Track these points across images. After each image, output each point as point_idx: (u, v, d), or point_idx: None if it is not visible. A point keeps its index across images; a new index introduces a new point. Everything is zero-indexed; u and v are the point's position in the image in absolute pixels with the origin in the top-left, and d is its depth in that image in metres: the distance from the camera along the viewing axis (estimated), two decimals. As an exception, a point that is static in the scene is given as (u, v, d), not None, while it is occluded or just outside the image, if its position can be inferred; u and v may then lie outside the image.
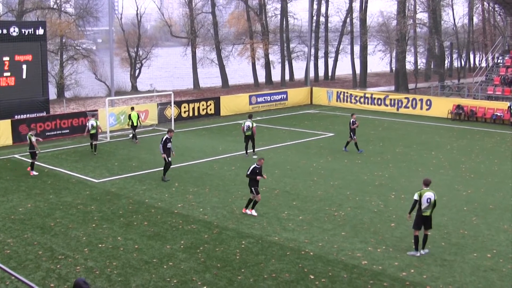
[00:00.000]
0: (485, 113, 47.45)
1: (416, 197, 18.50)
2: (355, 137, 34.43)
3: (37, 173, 29.27)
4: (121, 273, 17.15)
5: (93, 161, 32.07)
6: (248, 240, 19.91)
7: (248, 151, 33.29)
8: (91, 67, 67.90)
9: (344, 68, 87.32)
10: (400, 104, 51.65)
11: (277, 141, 37.51)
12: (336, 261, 18.15)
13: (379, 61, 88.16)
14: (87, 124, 35.22)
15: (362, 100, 53.97)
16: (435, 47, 73.27)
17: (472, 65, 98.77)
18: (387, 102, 52.38)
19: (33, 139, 29.31)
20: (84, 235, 20.50)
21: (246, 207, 22.93)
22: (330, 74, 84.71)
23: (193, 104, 47.16)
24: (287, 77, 79.06)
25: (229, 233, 20.63)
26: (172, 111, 43.38)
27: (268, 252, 18.82)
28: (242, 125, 33.46)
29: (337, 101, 55.44)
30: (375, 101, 53.14)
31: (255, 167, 22.75)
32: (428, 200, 18.53)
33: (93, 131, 34.29)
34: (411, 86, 68.87)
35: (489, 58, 63.86)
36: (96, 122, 34.62)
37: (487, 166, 31.29)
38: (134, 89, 71.15)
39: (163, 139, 27.71)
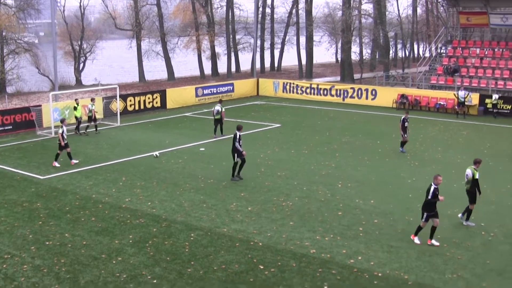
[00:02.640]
0: (428, 102, 48.28)
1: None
2: (406, 135, 32.12)
3: None
4: (70, 270, 16.98)
5: (38, 157, 31.56)
6: (197, 232, 19.90)
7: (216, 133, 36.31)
8: (33, 61, 66.33)
9: (290, 59, 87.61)
10: (346, 94, 52.16)
11: (224, 133, 37.44)
12: (285, 251, 18.29)
13: (325, 52, 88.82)
14: (86, 109, 38.85)
15: (308, 90, 54.30)
16: (380, 38, 74.04)
17: (416, 55, 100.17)
18: (333, 92, 52.83)
19: (60, 130, 29.46)
20: (31, 233, 20.19)
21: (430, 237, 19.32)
22: (276, 65, 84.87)
23: (139, 97, 46.75)
24: (233, 68, 78.95)
25: (177, 226, 20.59)
26: (117, 105, 42.95)
27: (217, 244, 18.85)
28: (212, 109, 36.26)
29: (283, 92, 55.68)
30: (321, 92, 53.53)
31: (435, 188, 19.20)
32: (466, 176, 21.16)
33: (89, 114, 37.85)
34: (356, 76, 69.55)
35: (433, 48, 64.89)
36: (92, 106, 38.06)
37: (431, 154, 31.86)
38: (79, 83, 70.18)
39: (237, 137, 26.45)
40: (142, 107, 46.48)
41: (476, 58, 54.67)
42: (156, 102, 47.51)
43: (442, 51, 59.88)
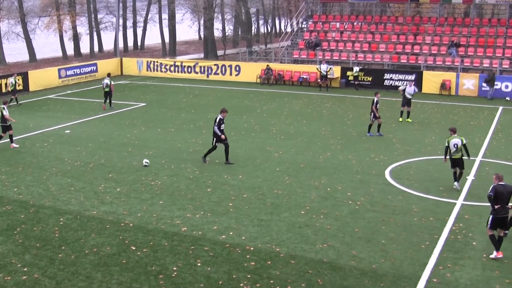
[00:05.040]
0: (292, 76, 49.27)
1: (446, 143, 22.20)
2: (373, 119, 30.85)
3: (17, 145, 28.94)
4: None
5: None
6: (66, 216, 19.42)
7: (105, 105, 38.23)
8: None
9: (153, 38, 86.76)
10: (210, 71, 52.31)
11: (89, 114, 36.68)
12: (157, 230, 18.21)
13: (188, 29, 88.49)
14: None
15: (172, 68, 54.02)
16: (242, 14, 74.63)
17: (278, 31, 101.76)
18: (197, 69, 52.85)
19: (5, 112, 28.72)
20: None
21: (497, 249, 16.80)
22: (139, 44, 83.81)
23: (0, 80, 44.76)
24: (96, 48, 77.21)
25: (46, 211, 20.00)
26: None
27: (88, 227, 18.50)
28: (102, 82, 38.43)
29: (147, 70, 55.07)
30: (185, 69, 53.41)
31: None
32: (455, 146, 21.93)
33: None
34: (220, 53, 69.85)
35: (294, 23, 66.12)
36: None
37: (296, 127, 32.60)
38: None
39: (217, 120, 25.47)
40: (3, 90, 44.21)
41: (336, 32, 56.28)
42: (18, 85, 45.40)
43: (303, 26, 61.17)
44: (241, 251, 16.68)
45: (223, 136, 25.33)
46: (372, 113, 30.57)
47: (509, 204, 16.48)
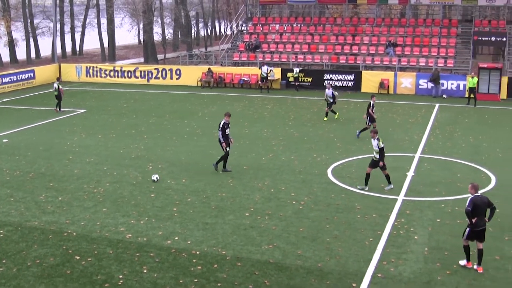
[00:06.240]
0: (232, 79, 49.36)
1: (382, 144, 21.87)
2: (369, 123, 30.61)
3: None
4: None
5: None
6: (6, 228, 19.02)
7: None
8: None
9: (92, 43, 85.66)
10: (150, 75, 52.02)
11: (28, 121, 35.97)
12: (101, 238, 18.01)
13: (127, 34, 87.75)
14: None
15: (112, 73, 53.46)
16: (182, 17, 74.45)
17: (218, 33, 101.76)
18: (137, 74, 52.48)
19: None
20: None
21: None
22: (78, 49, 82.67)
23: None
24: (33, 54, 75.74)
25: (-16, 223, 19.57)
26: None
27: (29, 238, 18.15)
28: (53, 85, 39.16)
29: (86, 76, 54.36)
30: (125, 74, 52.96)
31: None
32: (377, 146, 21.82)
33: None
34: (160, 56, 69.54)
35: (234, 26, 66.18)
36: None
37: (238, 129, 32.62)
38: None
39: (221, 125, 24.50)
40: None
41: (276, 33, 56.57)
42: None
43: (243, 28, 61.27)
44: (187, 256, 16.63)
45: (224, 144, 24.56)
46: (368, 117, 30.60)
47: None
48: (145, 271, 15.74)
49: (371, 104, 30.47)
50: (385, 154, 22.28)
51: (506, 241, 17.48)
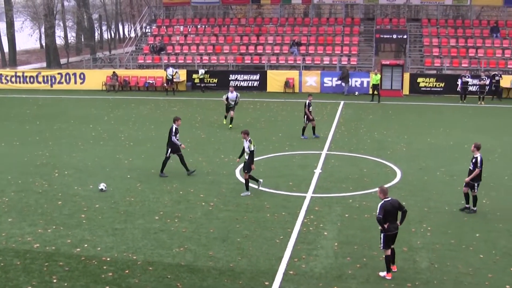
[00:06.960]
0: (137, 81, 48.99)
1: (253, 147, 21.82)
2: (307, 122, 30.90)
3: None
4: None
5: None
6: None
7: None
8: None
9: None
10: (53, 80, 50.98)
11: None
12: (7, 250, 17.47)
13: (28, 38, 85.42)
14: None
15: (13, 79, 52.02)
16: (84, 20, 73.21)
17: (122, 36, 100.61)
18: (40, 79, 51.31)
19: None
20: None
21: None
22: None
23: None
24: None
25: None
26: None
27: None
28: None
29: (-14, 83, 52.82)
30: (28, 79, 51.67)
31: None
32: (248, 148, 21.65)
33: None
34: (63, 61, 68.18)
35: (138, 28, 65.61)
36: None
37: (145, 132, 32.43)
38: None
39: (173, 130, 24.35)
40: None
41: (181, 35, 56.47)
42: None
43: (147, 30, 60.88)
44: (98, 263, 16.40)
45: (183, 146, 24.73)
46: (305, 116, 30.75)
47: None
48: (54, 281, 15.41)
49: (308, 103, 30.80)
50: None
51: (413, 233, 18.10)
